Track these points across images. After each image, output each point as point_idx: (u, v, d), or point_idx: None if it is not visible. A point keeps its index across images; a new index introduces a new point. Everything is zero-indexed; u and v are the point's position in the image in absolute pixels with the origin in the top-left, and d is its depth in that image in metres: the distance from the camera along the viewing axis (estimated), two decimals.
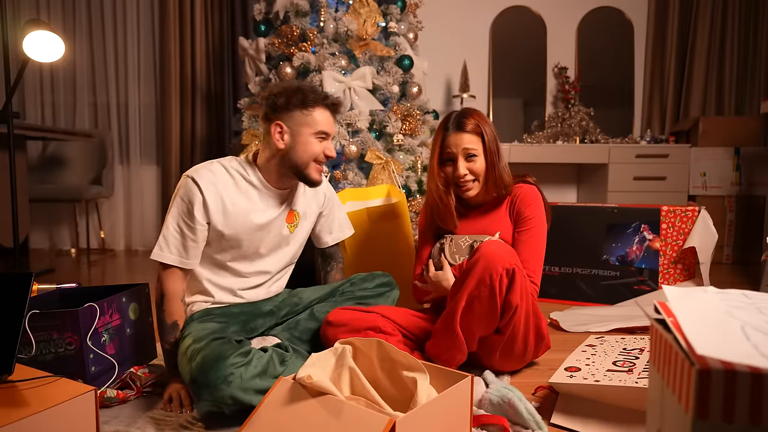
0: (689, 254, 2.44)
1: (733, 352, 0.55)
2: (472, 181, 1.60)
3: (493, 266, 1.33)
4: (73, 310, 1.40)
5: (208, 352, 1.27)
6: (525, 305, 1.41)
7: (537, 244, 1.56)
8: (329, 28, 2.84)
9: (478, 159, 1.59)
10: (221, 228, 1.48)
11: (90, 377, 1.40)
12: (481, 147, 1.58)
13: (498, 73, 4.17)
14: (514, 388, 1.29)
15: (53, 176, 4.03)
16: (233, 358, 1.25)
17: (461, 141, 1.57)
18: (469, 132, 1.57)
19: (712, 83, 4.06)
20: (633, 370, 1.32)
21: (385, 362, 1.18)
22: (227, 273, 1.56)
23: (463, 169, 1.58)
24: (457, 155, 1.58)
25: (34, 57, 2.51)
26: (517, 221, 1.60)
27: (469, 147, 1.57)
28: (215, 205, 1.46)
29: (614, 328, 2.03)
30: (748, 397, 0.53)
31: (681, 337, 0.62)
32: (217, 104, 4.13)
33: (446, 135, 1.61)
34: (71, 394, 1.06)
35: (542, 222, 1.58)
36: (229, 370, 1.22)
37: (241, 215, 1.50)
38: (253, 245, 1.55)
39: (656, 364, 0.72)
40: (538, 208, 1.59)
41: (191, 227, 1.46)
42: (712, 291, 0.76)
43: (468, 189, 1.61)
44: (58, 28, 4.04)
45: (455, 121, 1.60)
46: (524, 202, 1.60)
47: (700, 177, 3.69)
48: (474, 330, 1.41)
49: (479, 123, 1.58)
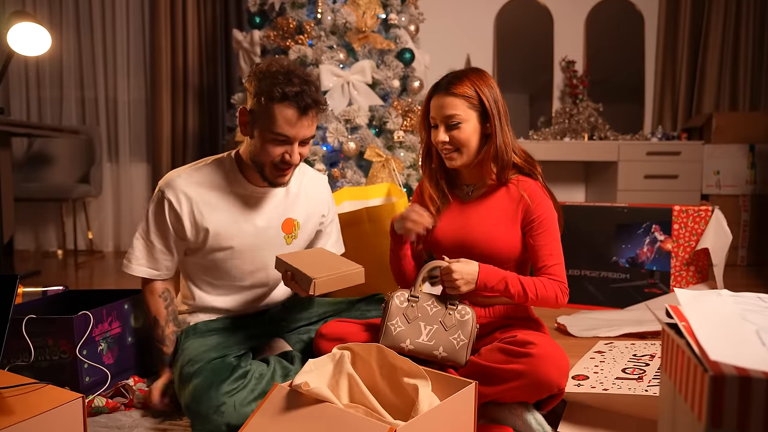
0: (702, 256, 2.44)
1: (748, 358, 0.55)
2: (454, 150, 1.44)
3: (548, 387, 1.25)
4: (68, 317, 1.40)
5: (200, 380, 1.26)
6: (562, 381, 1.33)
7: (556, 242, 1.44)
8: (327, 20, 2.84)
9: (464, 126, 1.41)
10: (204, 245, 1.42)
11: (83, 387, 1.40)
12: (471, 113, 1.41)
13: (503, 67, 4.17)
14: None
15: (39, 174, 4.02)
16: (227, 385, 1.24)
17: (442, 106, 1.41)
18: (456, 95, 1.40)
19: (726, 77, 4.06)
20: (643, 378, 1.32)
21: (385, 368, 1.18)
22: (219, 294, 1.51)
23: (443, 136, 1.41)
24: (439, 121, 1.42)
25: (19, 50, 2.51)
26: (527, 223, 1.44)
27: (451, 113, 1.40)
28: (190, 222, 1.40)
29: (624, 333, 2.03)
30: (763, 405, 0.53)
31: (693, 342, 0.62)
32: (209, 99, 4.13)
33: (433, 97, 1.44)
34: (58, 401, 1.05)
35: (555, 217, 1.50)
36: (221, 400, 1.22)
37: (225, 228, 1.42)
38: (242, 268, 1.47)
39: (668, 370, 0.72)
40: (547, 205, 1.48)
41: (163, 239, 1.43)
42: (726, 294, 0.76)
43: (450, 159, 1.45)
44: (44, 20, 4.03)
45: (446, 81, 1.43)
46: (533, 199, 1.44)
47: (714, 175, 3.69)
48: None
49: (475, 85, 1.41)
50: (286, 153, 1.33)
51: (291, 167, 1.37)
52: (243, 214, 1.44)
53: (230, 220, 1.42)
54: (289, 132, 1.31)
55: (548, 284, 1.39)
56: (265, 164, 1.36)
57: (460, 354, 1.35)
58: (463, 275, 1.33)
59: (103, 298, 1.65)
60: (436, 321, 1.37)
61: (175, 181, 1.41)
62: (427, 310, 1.39)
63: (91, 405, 1.37)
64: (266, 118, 1.30)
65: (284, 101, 1.28)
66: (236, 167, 1.44)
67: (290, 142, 1.32)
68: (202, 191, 1.41)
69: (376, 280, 2.02)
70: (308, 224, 1.56)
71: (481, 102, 1.41)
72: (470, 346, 1.36)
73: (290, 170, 1.38)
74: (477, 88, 1.41)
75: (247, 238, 1.44)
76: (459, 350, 1.35)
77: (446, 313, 1.38)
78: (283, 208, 1.50)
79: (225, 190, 1.43)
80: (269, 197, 1.47)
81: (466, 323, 1.36)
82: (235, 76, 4.05)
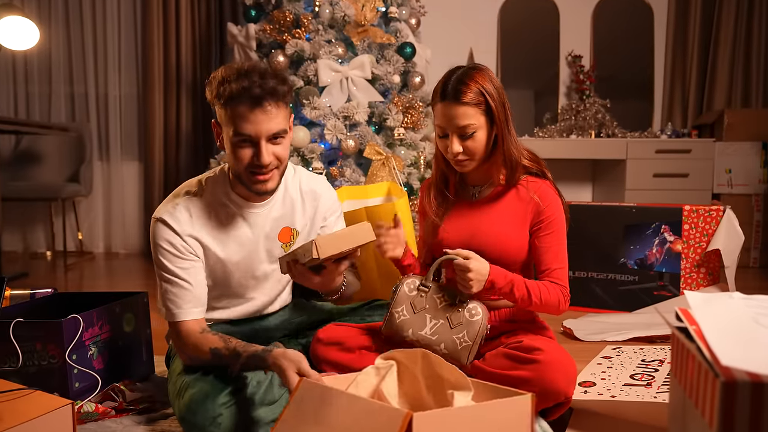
0: (713, 257, 2.44)
1: (761, 363, 0.55)
2: (468, 159, 1.44)
3: (555, 395, 1.25)
4: (57, 321, 1.39)
5: (196, 390, 1.24)
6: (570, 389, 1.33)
7: (562, 245, 1.45)
8: (325, 14, 2.84)
9: (477, 134, 1.41)
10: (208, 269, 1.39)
11: (73, 394, 1.40)
12: (482, 119, 1.41)
13: (507, 62, 4.17)
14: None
15: (27, 173, 4.02)
16: (223, 396, 1.23)
17: (455, 116, 1.39)
18: (467, 104, 1.38)
19: (739, 72, 4.06)
20: (652, 384, 1.32)
21: (431, 379, 1.14)
22: (216, 308, 1.48)
23: (458, 147, 1.41)
24: (451, 131, 1.41)
25: (7, 44, 2.51)
26: (536, 223, 1.45)
27: (465, 124, 1.39)
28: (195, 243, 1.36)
29: (632, 338, 2.03)
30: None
31: (704, 346, 0.62)
32: (203, 95, 4.11)
33: (440, 104, 1.44)
34: (47, 408, 1.06)
35: (564, 220, 1.50)
36: (218, 411, 1.21)
37: (222, 246, 1.39)
38: (241, 282, 1.45)
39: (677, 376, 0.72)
40: (558, 207, 1.47)
41: (184, 269, 1.34)
42: (738, 297, 0.76)
43: (463, 167, 1.45)
44: (32, 14, 4.03)
45: (453, 87, 1.40)
46: (544, 200, 1.45)
47: (725, 174, 3.69)
48: None
49: (482, 88, 1.40)
50: (255, 155, 1.27)
51: (267, 170, 1.29)
52: (239, 229, 1.41)
53: (226, 237, 1.39)
54: (246, 129, 1.24)
55: (552, 289, 1.39)
56: (241, 173, 1.30)
57: (461, 354, 1.35)
58: (478, 274, 1.33)
59: (93, 300, 1.64)
60: (443, 316, 1.36)
61: (167, 209, 1.36)
62: (435, 303, 1.38)
63: (80, 411, 1.37)
64: (225, 123, 1.28)
65: (234, 99, 1.24)
66: (228, 185, 1.40)
67: (254, 141, 1.26)
68: (199, 222, 1.37)
69: (377, 285, 2.03)
70: (308, 230, 1.52)
71: (488, 105, 1.41)
72: (475, 348, 1.35)
73: (269, 174, 1.31)
74: (483, 90, 1.41)
75: (244, 252, 1.42)
76: (461, 350, 1.34)
77: (455, 310, 1.37)
78: (280, 218, 1.46)
79: (220, 212, 1.39)
80: (265, 208, 1.43)
81: (474, 324, 1.35)
82: None
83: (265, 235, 1.43)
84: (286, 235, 1.47)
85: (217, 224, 1.38)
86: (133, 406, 1.46)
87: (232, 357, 1.26)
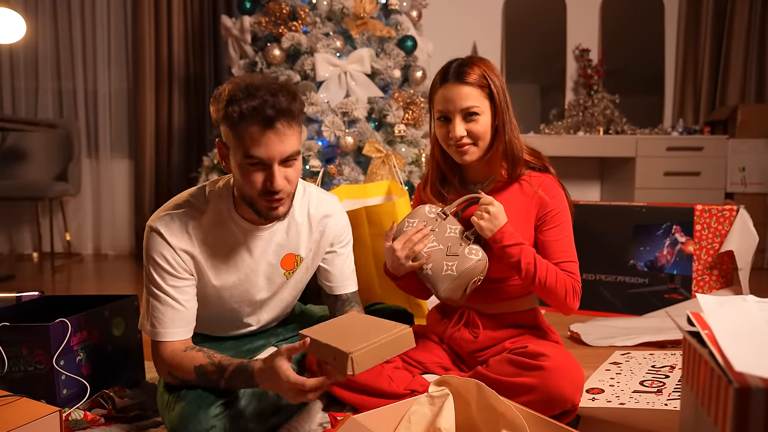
0: (726, 259, 2.44)
1: None
2: (471, 144, 1.44)
3: (561, 402, 1.25)
4: (44, 325, 1.39)
5: (187, 402, 1.24)
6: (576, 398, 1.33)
7: (570, 238, 1.46)
8: (322, 5, 2.84)
9: (481, 118, 1.42)
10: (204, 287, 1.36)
11: (60, 400, 1.40)
12: (486, 103, 1.43)
13: (512, 56, 4.17)
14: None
15: (13, 171, 4.03)
16: (215, 408, 1.23)
17: (460, 96, 1.40)
18: (471, 84, 1.40)
19: (753, 67, 4.06)
20: (662, 391, 1.32)
21: (485, 411, 1.13)
22: (213, 331, 1.49)
23: (461, 129, 1.42)
24: (454, 113, 1.42)
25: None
26: (541, 217, 1.46)
27: (469, 104, 1.40)
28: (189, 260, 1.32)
29: (642, 342, 2.03)
30: None
31: (717, 351, 0.62)
32: (196, 91, 4.13)
33: (441, 89, 1.44)
34: (33, 415, 1.06)
35: (569, 213, 1.51)
36: (210, 423, 1.21)
37: (220, 271, 1.35)
38: (239, 309, 1.44)
39: (689, 382, 0.72)
40: (562, 199, 1.48)
41: (175, 286, 1.31)
42: (752, 300, 0.76)
43: (465, 152, 1.44)
44: (18, 6, 4.03)
45: (455, 70, 1.42)
46: (548, 193, 1.46)
47: (739, 172, 3.69)
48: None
49: (486, 73, 1.42)
50: (267, 180, 1.22)
51: (281, 195, 1.25)
52: (239, 254, 1.37)
53: (223, 260, 1.36)
54: (258, 153, 1.19)
55: (561, 276, 1.39)
56: (255, 198, 1.25)
57: (441, 281, 1.41)
58: (494, 218, 1.39)
59: (81, 304, 1.64)
60: (445, 242, 1.43)
61: (163, 218, 1.32)
62: (445, 230, 1.45)
63: (68, 419, 1.37)
64: (234, 145, 1.22)
65: (244, 120, 1.18)
66: (232, 203, 1.35)
67: (266, 164, 1.21)
68: (197, 239, 1.33)
69: (377, 288, 2.03)
70: (312, 255, 1.47)
71: (490, 90, 1.43)
72: (459, 284, 1.39)
73: (283, 200, 1.26)
74: (487, 76, 1.43)
75: (240, 276, 1.38)
76: (443, 277, 1.40)
77: (458, 242, 1.42)
78: (284, 243, 1.41)
79: (220, 231, 1.35)
80: (268, 232, 1.38)
81: (467, 260, 1.39)
82: (223, 65, 4.05)
83: (266, 262, 1.39)
84: (289, 262, 1.43)
85: (215, 245, 1.34)
86: (123, 414, 1.46)
87: (217, 372, 1.24)
